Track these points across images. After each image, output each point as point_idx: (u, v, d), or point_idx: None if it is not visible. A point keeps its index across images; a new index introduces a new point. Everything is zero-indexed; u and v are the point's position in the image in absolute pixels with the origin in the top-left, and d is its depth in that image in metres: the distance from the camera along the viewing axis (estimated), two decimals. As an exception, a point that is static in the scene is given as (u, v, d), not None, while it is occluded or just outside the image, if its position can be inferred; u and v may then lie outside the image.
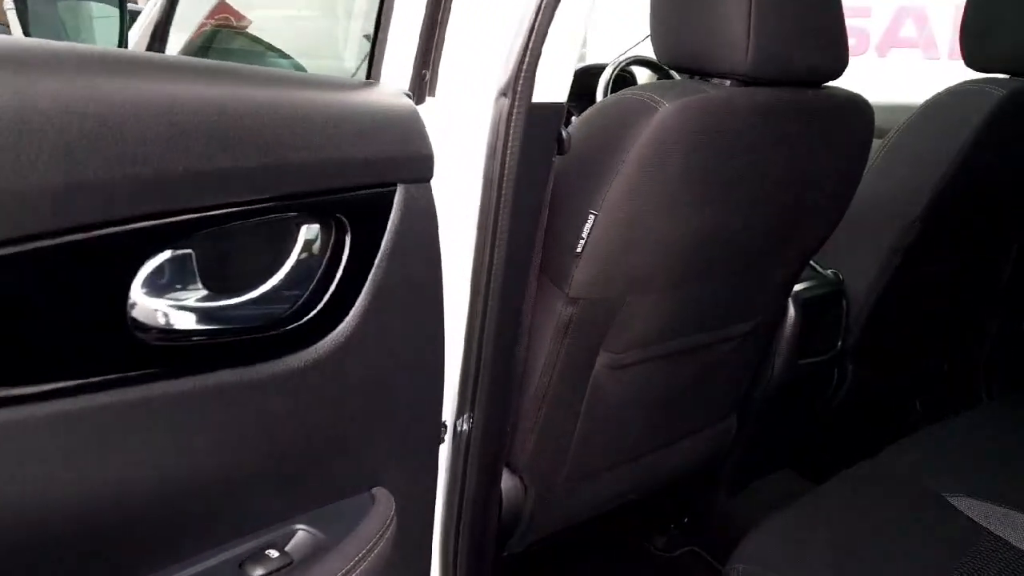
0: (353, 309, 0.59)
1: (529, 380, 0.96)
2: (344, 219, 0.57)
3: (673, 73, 1.88)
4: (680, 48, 0.93)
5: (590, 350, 0.99)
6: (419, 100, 0.68)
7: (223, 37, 1.67)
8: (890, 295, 1.50)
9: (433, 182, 0.69)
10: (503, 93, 0.74)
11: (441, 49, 0.68)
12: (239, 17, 1.87)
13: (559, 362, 0.96)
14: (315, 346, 0.57)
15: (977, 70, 1.46)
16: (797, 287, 1.36)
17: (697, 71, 0.93)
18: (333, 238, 0.58)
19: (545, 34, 0.73)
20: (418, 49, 0.66)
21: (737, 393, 1.30)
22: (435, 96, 0.70)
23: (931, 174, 1.38)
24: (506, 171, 0.75)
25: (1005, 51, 1.40)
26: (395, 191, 0.60)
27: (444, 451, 0.84)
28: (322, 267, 0.58)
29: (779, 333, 1.34)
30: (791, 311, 1.34)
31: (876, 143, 1.50)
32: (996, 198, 1.53)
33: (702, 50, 0.90)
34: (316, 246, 0.57)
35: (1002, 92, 1.34)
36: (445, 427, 0.83)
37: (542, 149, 0.80)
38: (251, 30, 1.82)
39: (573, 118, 2.24)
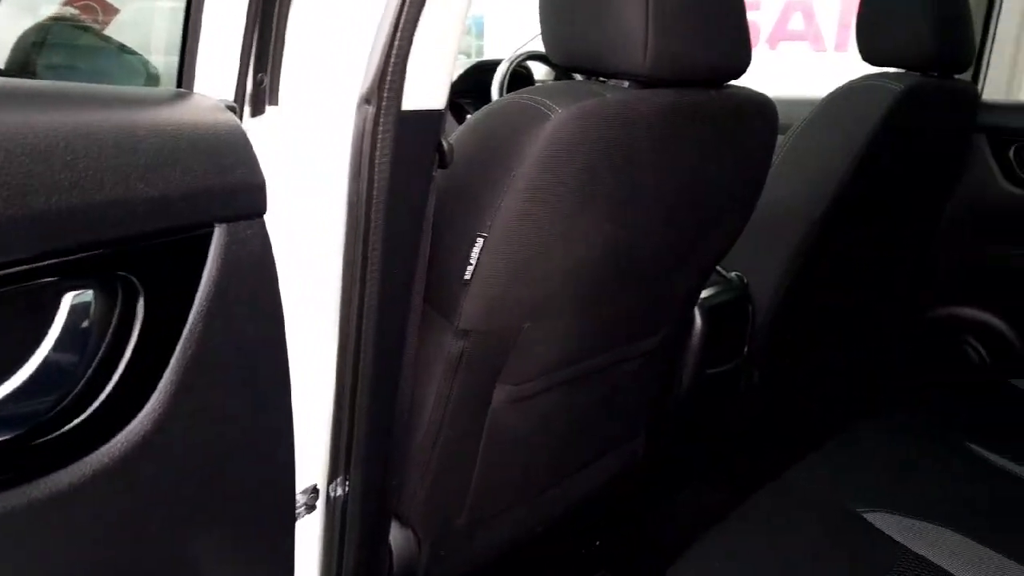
0: (154, 394, 0.45)
1: (418, 423, 0.85)
2: (133, 279, 0.44)
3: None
4: (573, 47, 0.83)
5: (486, 385, 0.88)
6: (255, 111, 0.55)
7: (63, 32, 1.47)
8: (794, 295, 1.47)
9: (283, 211, 0.57)
10: (366, 100, 0.62)
11: (282, 47, 0.56)
12: (107, 9, 1.66)
13: (451, 401, 0.85)
14: (97, 452, 0.43)
15: (873, 64, 1.45)
16: (702, 294, 1.30)
17: (593, 71, 0.83)
18: (119, 305, 0.44)
19: (414, 28, 0.61)
20: (244, 47, 0.53)
21: (646, 410, 1.22)
22: (278, 105, 0.57)
23: (832, 173, 1.35)
24: (375, 192, 0.64)
25: (899, 46, 1.38)
26: (211, 234, 0.47)
27: (316, 522, 0.71)
28: (103, 347, 0.44)
29: (686, 344, 1.28)
30: (697, 320, 1.28)
31: (778, 139, 1.46)
32: (894, 193, 1.52)
33: (597, 49, 0.80)
34: (92, 318, 0.44)
35: (899, 87, 1.32)
36: (317, 493, 0.71)
37: (418, 164, 0.68)
38: (123, 23, 1.62)
39: (468, 117, 2.15)
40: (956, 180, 1.77)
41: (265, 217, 0.52)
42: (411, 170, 0.68)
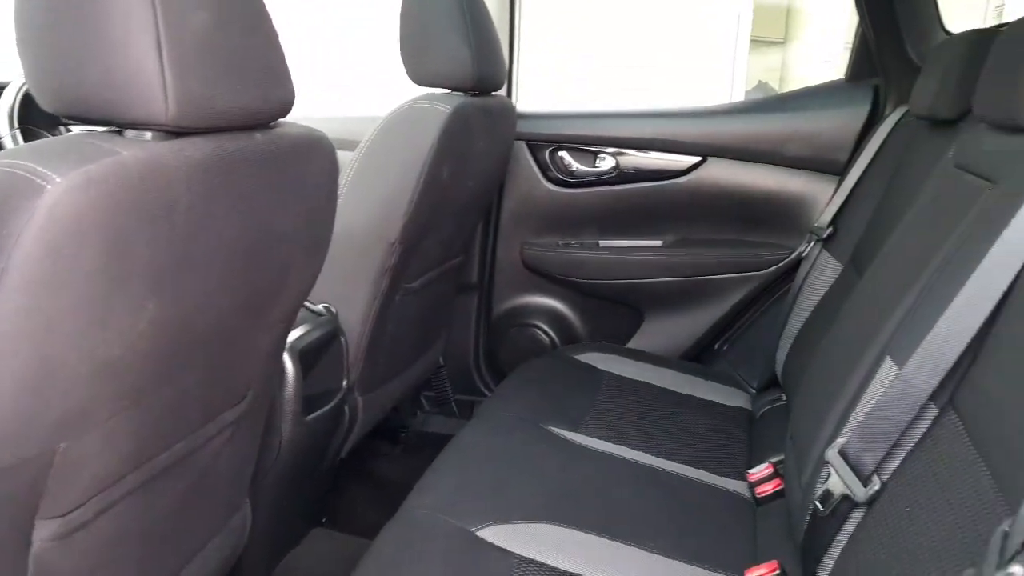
0: None
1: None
2: None
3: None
4: (67, 91, 0.66)
5: (19, 529, 0.68)
6: None
7: None
8: (384, 316, 1.47)
9: None
10: None
11: None
12: None
13: None
14: None
15: (421, 85, 1.49)
16: (291, 336, 1.21)
17: (100, 121, 0.68)
18: None
19: None
20: None
21: (245, 479, 1.10)
22: None
23: (401, 194, 1.36)
24: None
25: (444, 70, 1.45)
26: None
27: None
28: None
29: (280, 395, 1.18)
30: (289, 367, 1.19)
31: (346, 156, 1.43)
32: (458, 206, 1.60)
33: (101, 94, 0.65)
34: None
35: (448, 109, 1.37)
36: None
37: None
38: None
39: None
40: (501, 183, 1.96)
41: None
42: None
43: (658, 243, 1.98)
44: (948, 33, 1.76)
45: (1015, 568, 0.47)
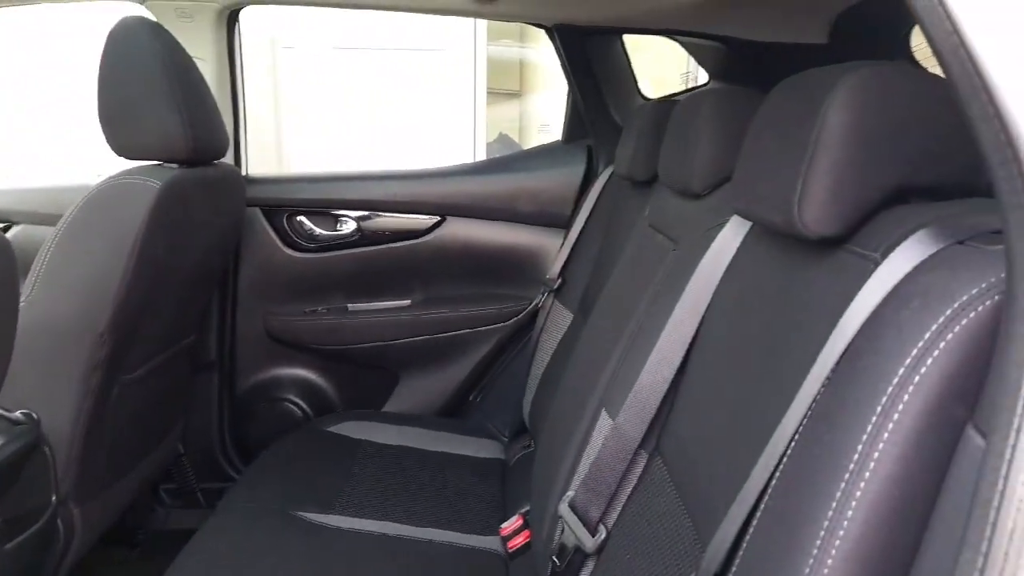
0: None
1: None
2: None
3: None
4: None
5: None
6: None
7: None
8: (99, 415, 1.31)
9: None
10: None
11: None
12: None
13: None
14: None
15: (129, 159, 1.37)
16: (-25, 456, 1.04)
17: None
18: None
19: None
20: None
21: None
22: None
23: (107, 279, 1.23)
24: None
25: (153, 142, 1.34)
26: None
27: None
28: None
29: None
30: (-27, 494, 1.02)
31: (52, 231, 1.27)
32: (182, 283, 1.49)
33: None
34: None
35: (157, 184, 1.27)
36: None
37: None
38: None
39: None
40: (236, 253, 1.87)
41: None
42: None
43: (406, 303, 1.99)
44: (645, 99, 1.98)
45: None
